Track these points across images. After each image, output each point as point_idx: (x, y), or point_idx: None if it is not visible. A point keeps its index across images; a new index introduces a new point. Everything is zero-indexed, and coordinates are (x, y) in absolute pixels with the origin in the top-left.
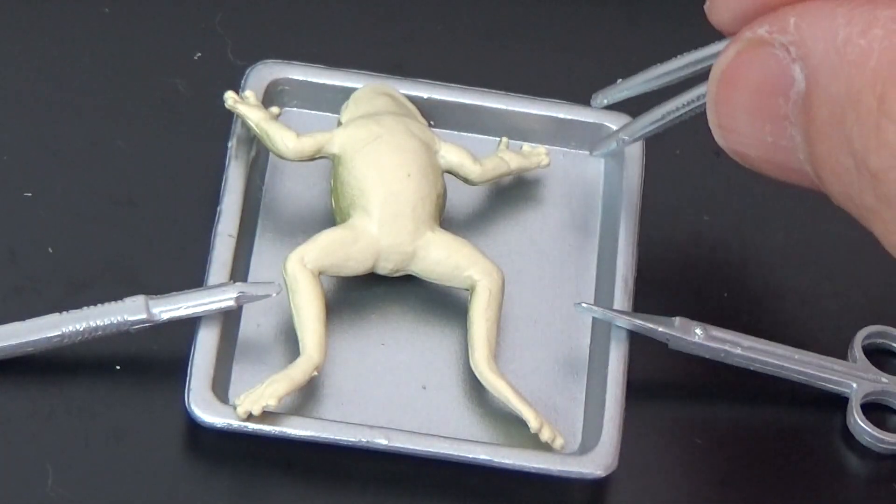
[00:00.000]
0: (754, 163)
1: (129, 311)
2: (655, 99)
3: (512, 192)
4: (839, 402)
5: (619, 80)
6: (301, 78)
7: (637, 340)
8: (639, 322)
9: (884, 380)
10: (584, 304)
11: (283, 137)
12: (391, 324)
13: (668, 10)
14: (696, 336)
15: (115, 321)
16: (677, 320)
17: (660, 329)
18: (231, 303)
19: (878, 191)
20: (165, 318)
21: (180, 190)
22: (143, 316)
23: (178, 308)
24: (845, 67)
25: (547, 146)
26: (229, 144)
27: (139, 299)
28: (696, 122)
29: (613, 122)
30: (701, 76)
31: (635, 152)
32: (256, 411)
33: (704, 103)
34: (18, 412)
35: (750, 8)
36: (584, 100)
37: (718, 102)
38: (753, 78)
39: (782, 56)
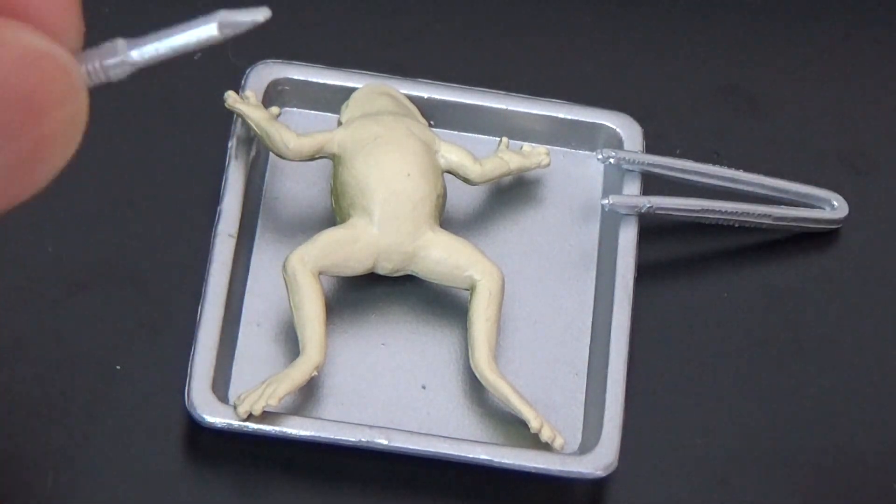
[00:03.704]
0: None
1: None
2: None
3: (512, 192)
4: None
5: (637, 150)
6: (301, 78)
7: (637, 340)
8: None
9: None
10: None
11: (284, 137)
12: (391, 324)
13: (669, 10)
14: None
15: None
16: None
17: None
18: (214, 32)
19: None
20: (144, 58)
21: (180, 190)
22: (119, 58)
23: (158, 47)
24: None
25: (547, 146)
26: (229, 144)
27: (117, 41)
28: (696, 122)
29: (614, 122)
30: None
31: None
32: (256, 411)
33: (731, 217)
34: (18, 412)
35: None
36: (584, 100)
37: None
38: None
39: None
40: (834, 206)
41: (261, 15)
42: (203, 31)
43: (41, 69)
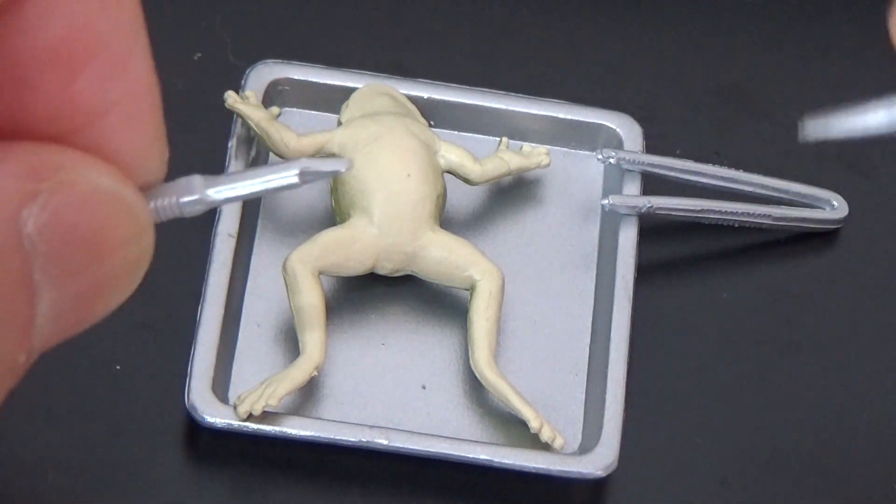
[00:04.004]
0: None
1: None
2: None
3: (512, 192)
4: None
5: (637, 150)
6: (301, 78)
7: (637, 340)
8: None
9: None
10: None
11: (284, 137)
12: (391, 324)
13: (668, 11)
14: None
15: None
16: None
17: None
18: (294, 179)
19: None
20: (221, 198)
21: None
22: (196, 196)
23: (236, 188)
24: None
25: (547, 146)
26: (229, 144)
27: (194, 178)
28: (696, 122)
29: (614, 122)
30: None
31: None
32: (256, 411)
33: (729, 217)
34: (18, 412)
35: None
36: (584, 100)
37: None
38: None
39: None
40: (834, 206)
41: (342, 166)
42: (284, 178)
43: (106, 210)
